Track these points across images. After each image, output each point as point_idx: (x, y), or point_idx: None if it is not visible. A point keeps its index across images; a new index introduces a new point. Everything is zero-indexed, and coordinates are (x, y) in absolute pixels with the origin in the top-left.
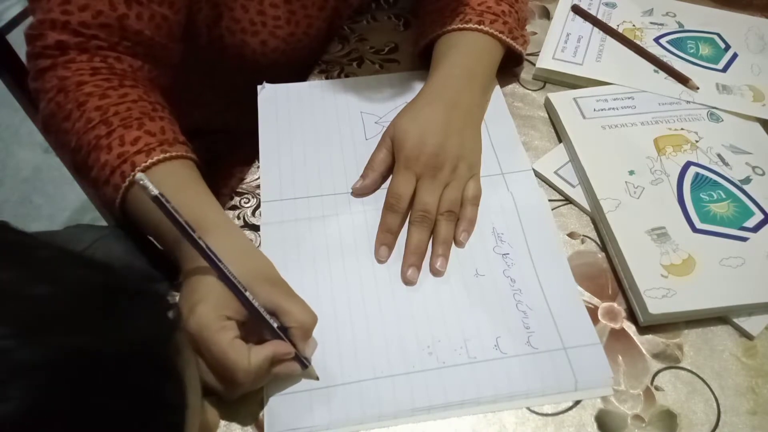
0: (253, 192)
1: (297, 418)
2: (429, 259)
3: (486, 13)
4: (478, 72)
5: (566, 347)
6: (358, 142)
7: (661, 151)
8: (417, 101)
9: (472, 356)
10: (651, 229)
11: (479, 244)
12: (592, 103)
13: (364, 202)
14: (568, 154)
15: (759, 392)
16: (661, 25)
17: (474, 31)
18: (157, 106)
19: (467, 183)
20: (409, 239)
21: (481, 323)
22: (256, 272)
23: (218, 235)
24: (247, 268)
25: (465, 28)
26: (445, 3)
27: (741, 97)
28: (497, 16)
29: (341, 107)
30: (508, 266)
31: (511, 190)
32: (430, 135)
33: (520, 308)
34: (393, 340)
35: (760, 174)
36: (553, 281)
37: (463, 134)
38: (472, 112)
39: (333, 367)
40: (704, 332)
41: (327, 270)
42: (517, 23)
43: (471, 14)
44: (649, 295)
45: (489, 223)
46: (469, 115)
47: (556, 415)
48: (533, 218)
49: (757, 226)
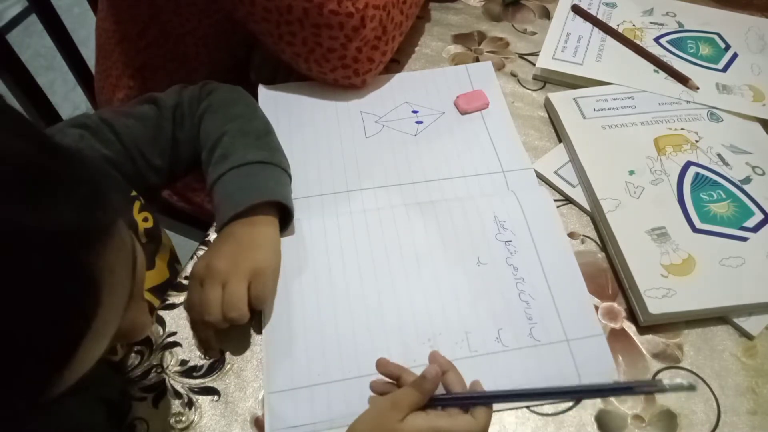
0: None
1: (297, 415)
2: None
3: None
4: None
5: (569, 339)
6: (358, 141)
7: (661, 151)
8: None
9: (473, 350)
10: (651, 229)
11: (480, 232)
12: (592, 103)
13: (364, 202)
14: (568, 154)
15: (759, 392)
16: (661, 24)
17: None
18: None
19: None
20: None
21: (482, 315)
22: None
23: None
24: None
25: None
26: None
27: (741, 97)
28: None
29: (341, 107)
30: (511, 254)
31: (512, 186)
32: None
33: (522, 298)
34: (393, 334)
35: (760, 174)
36: (556, 268)
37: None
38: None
39: (333, 363)
40: (704, 332)
41: (326, 267)
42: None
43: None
44: (649, 295)
45: (490, 211)
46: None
47: (556, 415)
48: (535, 208)
49: (757, 226)
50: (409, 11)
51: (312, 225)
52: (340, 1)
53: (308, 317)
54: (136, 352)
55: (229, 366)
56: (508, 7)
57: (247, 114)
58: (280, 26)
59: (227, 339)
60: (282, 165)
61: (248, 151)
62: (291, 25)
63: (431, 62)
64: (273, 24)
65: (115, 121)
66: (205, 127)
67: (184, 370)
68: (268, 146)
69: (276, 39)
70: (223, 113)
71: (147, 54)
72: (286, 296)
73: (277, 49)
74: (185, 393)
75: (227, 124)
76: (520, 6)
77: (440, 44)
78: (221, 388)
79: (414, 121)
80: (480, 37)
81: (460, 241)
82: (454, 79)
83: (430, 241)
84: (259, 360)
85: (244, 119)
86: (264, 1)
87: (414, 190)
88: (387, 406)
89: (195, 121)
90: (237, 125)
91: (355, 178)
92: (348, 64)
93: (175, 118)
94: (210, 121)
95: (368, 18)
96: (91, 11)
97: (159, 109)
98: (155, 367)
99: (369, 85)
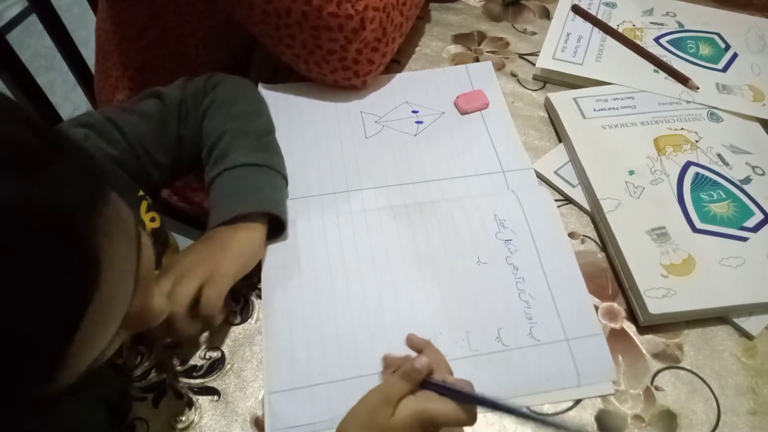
0: None
1: (298, 415)
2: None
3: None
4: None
5: (568, 338)
6: (358, 141)
7: (661, 151)
8: None
9: (473, 349)
10: (651, 229)
11: (481, 231)
12: (592, 103)
13: (364, 202)
14: (568, 154)
15: (759, 392)
16: (661, 24)
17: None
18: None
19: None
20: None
21: (482, 314)
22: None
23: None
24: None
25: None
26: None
27: (741, 97)
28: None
29: (341, 107)
30: (511, 253)
31: (512, 186)
32: None
33: (522, 298)
34: (394, 334)
35: (760, 174)
36: (556, 268)
37: None
38: None
39: (333, 362)
40: (704, 332)
41: (326, 267)
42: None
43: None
44: (649, 295)
45: (490, 210)
46: None
47: (556, 415)
48: (535, 208)
49: (757, 226)
50: (409, 12)
51: (312, 225)
52: (340, 3)
53: (308, 317)
54: (136, 352)
55: (229, 366)
56: (508, 7)
57: (250, 112)
58: (279, 29)
59: (227, 339)
60: (277, 167)
61: (245, 152)
62: (290, 27)
63: (431, 62)
64: (272, 26)
65: (119, 119)
66: (207, 125)
67: (184, 370)
68: (266, 147)
69: (275, 41)
70: (226, 111)
71: (147, 54)
72: (286, 296)
73: (276, 51)
74: (185, 393)
75: (228, 122)
76: (520, 6)
77: (440, 44)
78: (221, 388)
79: (414, 121)
80: (480, 37)
81: (460, 241)
82: (454, 79)
83: (431, 241)
84: (259, 360)
85: (246, 118)
86: (263, 4)
87: (414, 190)
88: (378, 402)
89: (198, 117)
90: (238, 125)
91: (355, 178)
92: (348, 66)
93: (180, 114)
94: (212, 118)
95: (368, 20)
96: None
97: (164, 104)
98: (155, 367)
99: (369, 85)
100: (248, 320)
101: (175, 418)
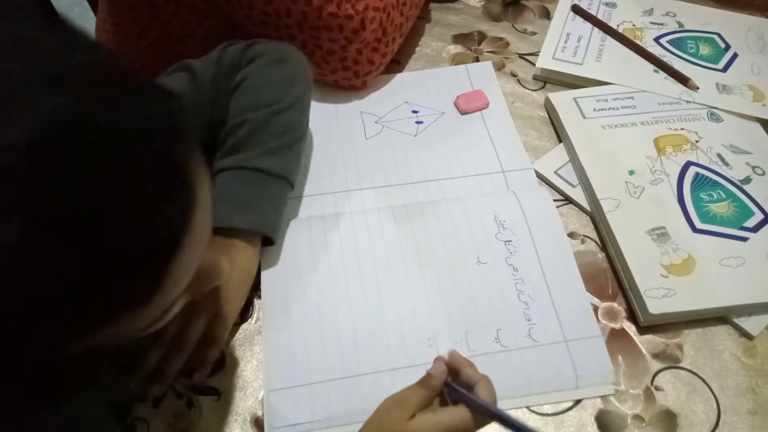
0: None
1: (297, 413)
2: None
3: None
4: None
5: (567, 340)
6: (358, 142)
7: (661, 151)
8: None
9: (472, 349)
10: (651, 229)
11: (481, 231)
12: (592, 103)
13: (364, 202)
14: (568, 154)
15: (759, 392)
16: (661, 24)
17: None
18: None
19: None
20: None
21: (482, 314)
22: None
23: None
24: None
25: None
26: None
27: (741, 97)
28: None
29: (341, 107)
30: (511, 254)
31: (512, 186)
32: None
33: (521, 299)
34: (393, 333)
35: (760, 174)
36: (555, 269)
37: None
38: None
39: (333, 361)
40: (704, 332)
41: (327, 266)
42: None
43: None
44: (649, 295)
45: (490, 211)
46: None
47: (556, 415)
48: (535, 208)
49: (757, 226)
50: (409, 13)
51: (312, 225)
52: (340, 3)
53: (308, 316)
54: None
55: (229, 366)
56: (508, 7)
57: (277, 102)
58: (279, 29)
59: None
60: (286, 175)
61: (259, 154)
62: (290, 28)
63: (431, 62)
64: (272, 27)
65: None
66: (232, 105)
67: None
68: (282, 150)
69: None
70: (253, 96)
71: (147, 54)
72: (285, 295)
73: None
74: (185, 393)
75: (251, 112)
76: (520, 6)
77: (440, 44)
78: (221, 388)
79: (414, 122)
80: (480, 37)
81: (460, 241)
82: (454, 79)
83: (430, 241)
84: (259, 360)
85: (271, 110)
86: (262, 5)
87: (414, 190)
88: (394, 405)
89: (227, 99)
90: (261, 116)
91: (355, 178)
92: (348, 66)
93: (212, 98)
94: (237, 100)
95: (368, 20)
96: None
97: (195, 82)
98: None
99: (369, 86)
100: (248, 320)
101: (175, 418)
